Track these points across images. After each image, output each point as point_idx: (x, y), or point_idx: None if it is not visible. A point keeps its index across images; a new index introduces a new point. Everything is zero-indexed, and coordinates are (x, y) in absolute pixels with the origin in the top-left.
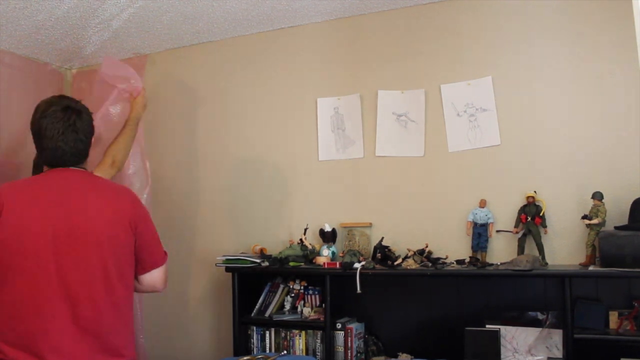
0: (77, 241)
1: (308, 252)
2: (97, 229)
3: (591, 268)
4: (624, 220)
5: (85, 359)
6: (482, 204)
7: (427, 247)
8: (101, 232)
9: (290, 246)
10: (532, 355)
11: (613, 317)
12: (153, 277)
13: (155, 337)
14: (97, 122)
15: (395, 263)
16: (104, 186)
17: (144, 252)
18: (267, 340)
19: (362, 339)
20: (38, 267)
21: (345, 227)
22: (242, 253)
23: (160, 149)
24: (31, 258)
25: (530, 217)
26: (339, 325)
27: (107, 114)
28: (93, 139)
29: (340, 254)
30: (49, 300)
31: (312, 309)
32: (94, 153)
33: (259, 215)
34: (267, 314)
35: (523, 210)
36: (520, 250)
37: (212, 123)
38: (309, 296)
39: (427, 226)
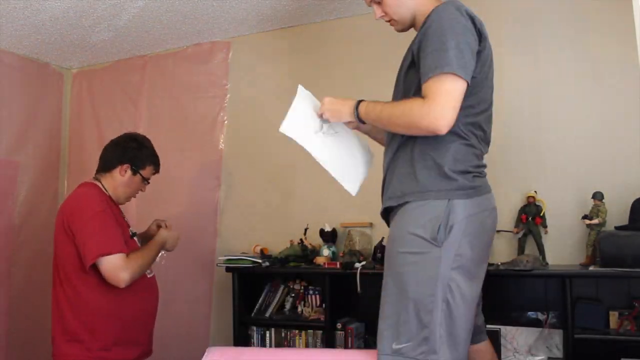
0: None
1: (308, 252)
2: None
3: (591, 268)
4: (624, 220)
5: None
6: None
7: None
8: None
9: (291, 246)
10: (532, 355)
11: (613, 317)
12: (101, 270)
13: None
14: None
15: None
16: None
17: (79, 247)
18: (267, 340)
19: (362, 339)
20: None
21: (345, 227)
22: (242, 253)
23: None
24: None
25: (531, 217)
26: (339, 325)
27: None
28: None
29: (340, 254)
30: None
31: (312, 309)
32: None
33: (259, 215)
34: (267, 314)
35: (523, 210)
36: (521, 250)
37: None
38: (309, 296)
39: None
